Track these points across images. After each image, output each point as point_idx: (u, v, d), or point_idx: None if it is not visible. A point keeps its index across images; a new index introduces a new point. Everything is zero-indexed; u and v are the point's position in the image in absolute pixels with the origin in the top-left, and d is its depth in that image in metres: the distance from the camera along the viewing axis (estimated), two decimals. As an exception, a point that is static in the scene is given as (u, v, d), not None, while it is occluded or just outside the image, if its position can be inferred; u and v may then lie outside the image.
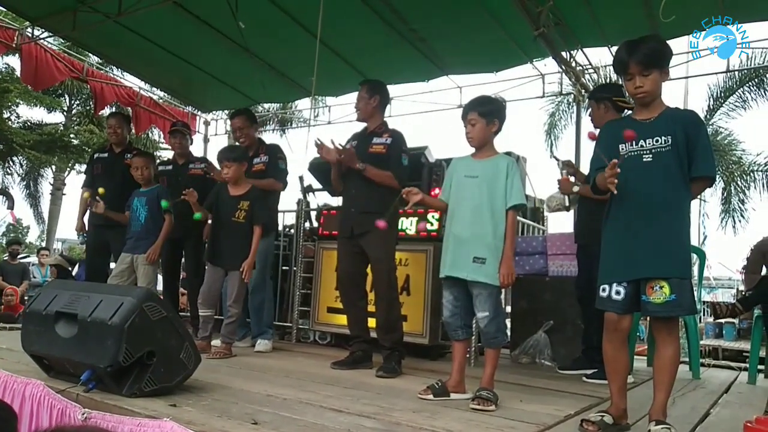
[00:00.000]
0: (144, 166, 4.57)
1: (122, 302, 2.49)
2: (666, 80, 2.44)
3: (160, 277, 5.50)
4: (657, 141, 2.33)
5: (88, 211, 5.13)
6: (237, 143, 4.82)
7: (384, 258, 3.72)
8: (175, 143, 5.25)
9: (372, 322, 3.83)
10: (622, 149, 2.40)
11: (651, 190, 2.32)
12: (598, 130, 2.71)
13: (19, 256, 9.87)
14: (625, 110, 3.94)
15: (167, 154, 5.31)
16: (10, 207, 18.18)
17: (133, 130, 8.46)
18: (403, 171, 3.78)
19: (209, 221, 4.37)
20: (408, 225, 4.66)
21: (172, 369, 2.58)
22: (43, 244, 19.03)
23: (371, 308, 3.87)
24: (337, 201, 5.42)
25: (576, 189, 3.64)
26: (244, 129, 4.70)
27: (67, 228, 34.63)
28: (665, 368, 2.33)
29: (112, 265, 5.16)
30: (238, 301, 4.15)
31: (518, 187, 2.86)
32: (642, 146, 2.35)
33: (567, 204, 3.82)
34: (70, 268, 8.31)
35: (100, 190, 4.66)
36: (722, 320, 9.21)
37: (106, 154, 5.24)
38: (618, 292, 2.33)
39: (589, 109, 3.99)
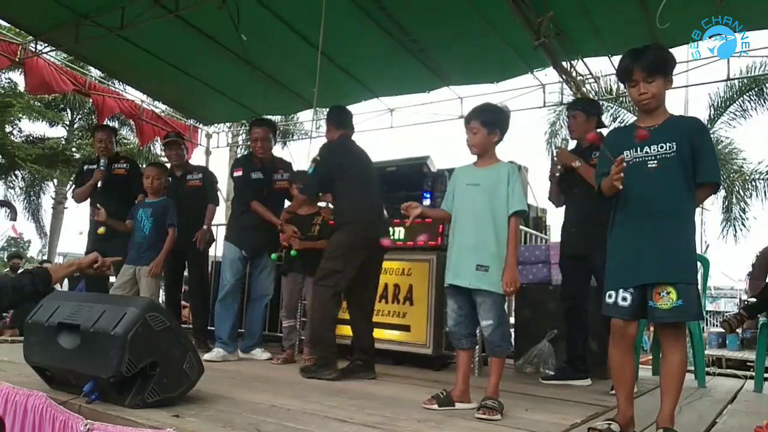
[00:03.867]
0: (155, 176, 4.56)
1: (125, 312, 2.47)
2: (669, 88, 2.44)
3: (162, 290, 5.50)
4: (662, 147, 2.33)
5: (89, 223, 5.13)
6: (252, 152, 4.71)
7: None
8: (171, 155, 5.21)
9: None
10: (627, 156, 2.39)
11: (656, 196, 2.32)
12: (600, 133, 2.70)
13: (20, 270, 9.86)
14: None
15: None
16: (13, 218, 18.19)
17: (138, 142, 8.46)
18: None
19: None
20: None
21: (176, 379, 2.56)
22: (45, 258, 19.03)
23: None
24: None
25: (577, 164, 3.64)
26: (266, 141, 4.63)
27: (69, 241, 34.65)
28: (673, 375, 2.31)
29: (112, 279, 5.16)
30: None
31: (519, 194, 2.85)
32: (647, 153, 2.35)
33: (558, 168, 3.80)
34: None
35: (103, 215, 4.65)
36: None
37: (94, 166, 5.19)
38: (624, 299, 2.32)
39: (570, 119, 4.01)
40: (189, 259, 5.09)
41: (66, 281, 8.36)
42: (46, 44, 6.48)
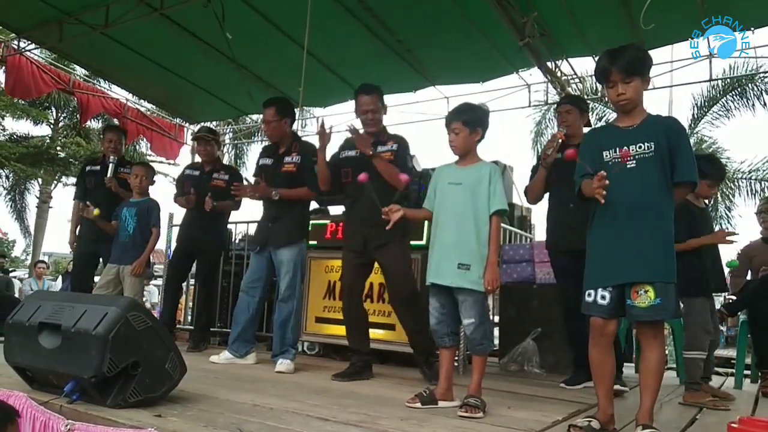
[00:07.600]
0: (144, 176, 4.56)
1: (107, 312, 2.46)
2: (647, 88, 2.48)
3: (155, 289, 5.45)
4: (640, 147, 2.36)
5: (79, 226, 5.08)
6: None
7: (407, 271, 3.76)
8: (200, 150, 5.03)
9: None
10: (606, 156, 2.42)
11: (635, 196, 2.35)
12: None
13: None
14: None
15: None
16: None
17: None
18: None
19: None
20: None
21: (158, 379, 2.55)
22: (29, 258, 18.85)
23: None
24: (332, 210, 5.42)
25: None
26: (272, 122, 4.18)
27: (54, 241, 34.32)
28: (651, 372, 2.34)
29: (97, 278, 5.11)
30: None
31: (501, 193, 2.86)
32: (626, 152, 2.38)
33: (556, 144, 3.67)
34: None
35: (96, 211, 4.63)
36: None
37: (98, 167, 5.12)
38: (603, 297, 2.35)
39: (564, 115, 3.84)
40: (199, 259, 4.93)
41: (60, 279, 8.33)
42: (29, 42, 6.42)
